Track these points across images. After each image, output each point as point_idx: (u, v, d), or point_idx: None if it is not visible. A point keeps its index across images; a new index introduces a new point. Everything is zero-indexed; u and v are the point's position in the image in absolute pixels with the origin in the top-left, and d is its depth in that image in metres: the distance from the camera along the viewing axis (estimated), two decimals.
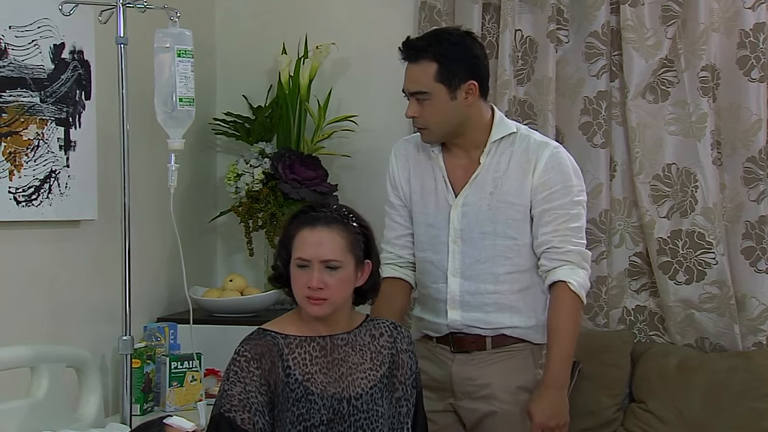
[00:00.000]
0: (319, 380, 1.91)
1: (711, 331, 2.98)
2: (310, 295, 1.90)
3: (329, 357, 1.94)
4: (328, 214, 1.94)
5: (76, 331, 2.46)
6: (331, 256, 1.89)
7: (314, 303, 1.90)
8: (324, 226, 1.91)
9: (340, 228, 1.92)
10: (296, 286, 1.93)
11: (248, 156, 3.10)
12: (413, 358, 2.03)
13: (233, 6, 3.34)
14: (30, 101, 2.25)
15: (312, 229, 1.91)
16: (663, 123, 3.02)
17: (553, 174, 2.21)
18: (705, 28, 2.94)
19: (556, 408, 2.16)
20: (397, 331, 2.03)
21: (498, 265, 2.23)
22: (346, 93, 3.23)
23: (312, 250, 1.89)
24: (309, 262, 1.89)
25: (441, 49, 2.14)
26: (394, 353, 1.99)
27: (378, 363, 1.97)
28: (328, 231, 1.90)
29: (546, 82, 3.04)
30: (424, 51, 2.15)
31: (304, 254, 1.90)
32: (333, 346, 1.95)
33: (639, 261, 3.08)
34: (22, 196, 2.23)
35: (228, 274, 3.12)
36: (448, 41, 2.16)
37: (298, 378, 1.89)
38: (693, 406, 2.82)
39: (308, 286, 1.89)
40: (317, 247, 1.89)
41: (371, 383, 1.95)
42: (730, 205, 3.00)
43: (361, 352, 1.97)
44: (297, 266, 1.91)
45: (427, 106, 2.17)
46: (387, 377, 1.97)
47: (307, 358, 1.92)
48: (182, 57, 2.12)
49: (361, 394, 1.93)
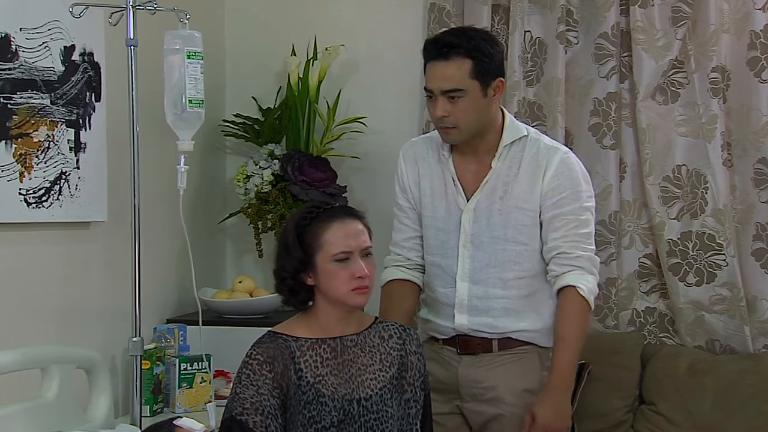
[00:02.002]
0: (330, 382, 1.91)
1: (721, 333, 2.97)
2: (359, 285, 1.89)
3: (339, 358, 1.94)
4: (343, 206, 2.00)
5: (86, 333, 2.46)
6: (369, 243, 1.93)
7: (363, 292, 1.91)
8: (351, 217, 1.93)
9: (359, 217, 1.95)
10: (337, 283, 1.90)
11: (257, 157, 3.10)
12: (422, 360, 2.02)
13: (243, 8, 3.35)
14: (40, 103, 2.25)
15: (342, 222, 1.91)
16: (673, 124, 3.01)
17: (562, 179, 2.20)
18: (715, 29, 2.92)
19: (560, 410, 2.15)
20: (406, 334, 2.02)
21: (507, 270, 2.22)
22: (355, 94, 3.23)
23: (353, 241, 1.90)
24: (351, 253, 1.89)
25: (474, 46, 2.12)
26: (403, 355, 1.99)
27: (387, 364, 1.97)
28: (356, 221, 1.93)
29: (555, 83, 3.03)
30: (457, 47, 2.11)
31: (346, 247, 1.89)
32: (343, 347, 1.95)
33: (649, 262, 3.08)
34: (33, 197, 2.23)
35: (237, 276, 3.12)
36: (480, 37, 2.15)
37: (309, 380, 1.89)
38: (703, 408, 2.81)
39: (358, 276, 1.88)
40: (356, 237, 1.91)
41: (381, 384, 1.95)
42: (740, 206, 2.99)
43: (371, 354, 1.97)
44: (335, 261, 1.89)
45: (459, 105, 2.13)
46: (396, 378, 1.97)
47: (319, 360, 1.92)
48: (192, 59, 2.12)
49: (370, 395, 1.93)
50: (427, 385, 2.04)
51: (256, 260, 3.20)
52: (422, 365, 2.02)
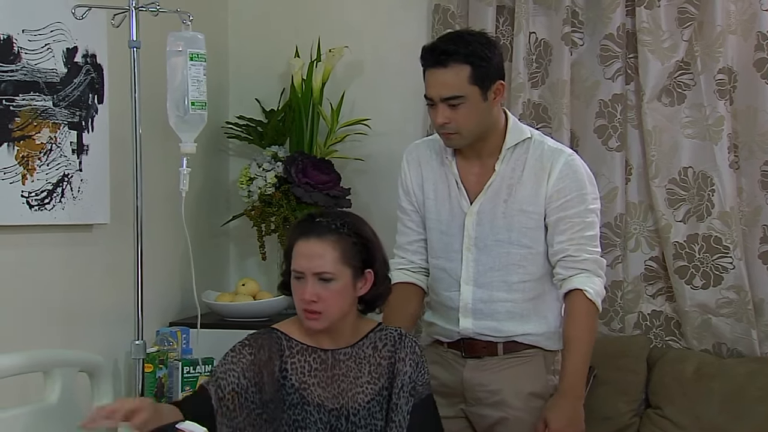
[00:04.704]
0: (316, 393, 1.89)
1: (728, 337, 2.95)
2: (306, 308, 1.88)
3: (329, 372, 1.92)
4: (323, 224, 1.90)
5: (89, 336, 2.46)
6: (322, 268, 1.86)
7: (310, 316, 1.88)
8: (316, 238, 1.88)
9: (334, 239, 1.88)
10: (294, 299, 1.92)
11: (261, 160, 3.09)
12: (415, 366, 1.96)
13: (246, 9, 3.34)
14: (43, 105, 2.25)
15: (306, 240, 1.89)
16: (679, 126, 2.99)
17: (567, 182, 2.19)
18: (722, 30, 2.91)
19: (573, 416, 2.14)
20: (400, 340, 1.98)
21: (512, 273, 2.21)
22: (359, 96, 3.22)
23: (305, 262, 1.87)
24: (303, 274, 1.88)
25: (471, 51, 2.10)
26: (392, 363, 1.95)
27: (377, 376, 1.94)
28: (320, 242, 1.87)
29: (561, 85, 3.02)
30: (455, 54, 2.10)
31: (297, 266, 1.89)
32: (335, 362, 1.93)
33: (655, 265, 3.06)
34: (35, 200, 2.23)
35: (241, 278, 3.11)
36: (477, 42, 2.13)
37: (294, 384, 1.88)
38: (710, 412, 2.79)
39: (302, 298, 1.88)
40: (309, 260, 1.87)
41: (368, 397, 1.92)
42: (747, 209, 2.97)
43: (360, 365, 1.94)
44: (294, 278, 1.90)
45: (460, 111, 2.12)
46: (386, 389, 1.94)
47: (306, 368, 1.90)
48: (195, 60, 2.12)
49: (358, 410, 1.90)
50: (421, 393, 1.96)
51: (259, 263, 3.20)
52: (413, 371, 1.96)
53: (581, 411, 2.17)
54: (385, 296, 2.01)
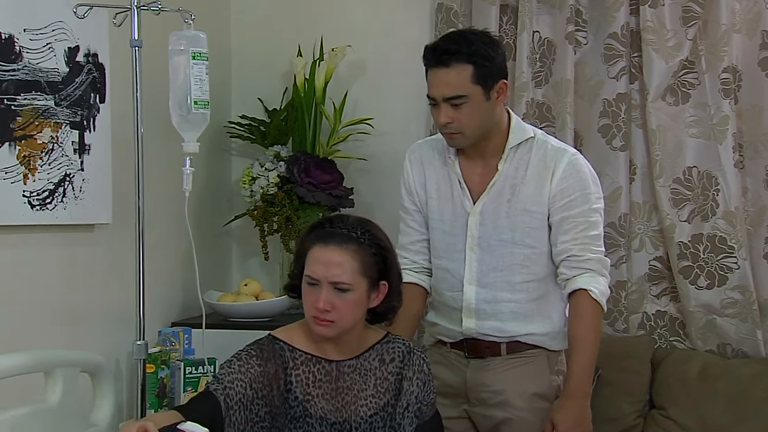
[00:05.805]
0: (319, 405, 1.85)
1: (733, 337, 2.94)
2: (317, 316, 1.82)
3: (333, 384, 1.88)
4: (343, 231, 1.83)
5: (91, 336, 2.45)
6: (339, 278, 1.80)
7: (321, 324, 1.83)
8: (336, 246, 1.81)
9: (354, 248, 1.82)
10: (305, 303, 1.85)
11: (263, 159, 3.09)
12: (422, 387, 1.94)
13: (248, 8, 3.33)
14: (44, 104, 2.24)
15: (324, 246, 1.82)
16: (683, 125, 2.98)
17: (571, 181, 2.18)
18: (726, 29, 2.90)
19: (580, 417, 2.13)
20: (408, 356, 1.94)
21: (515, 273, 2.20)
22: (362, 95, 3.22)
23: (322, 270, 1.81)
24: (318, 281, 1.82)
25: (474, 50, 2.09)
26: (398, 379, 1.92)
27: (382, 390, 1.90)
28: (340, 251, 1.81)
29: (564, 84, 3.01)
30: (457, 53, 2.09)
31: (313, 273, 1.82)
32: (339, 374, 1.89)
33: (659, 265, 3.05)
34: (37, 199, 2.22)
35: (243, 279, 3.10)
36: (480, 41, 2.12)
37: (298, 396, 1.84)
38: (715, 413, 2.78)
39: (315, 306, 1.81)
40: (327, 268, 1.80)
41: (372, 411, 1.89)
42: (752, 208, 2.96)
43: (366, 378, 1.90)
44: (307, 283, 1.84)
45: (463, 110, 2.11)
46: (391, 406, 1.91)
47: (310, 379, 1.87)
48: (197, 60, 2.11)
49: (360, 423, 1.87)
50: (425, 414, 1.94)
51: (261, 263, 3.19)
52: (420, 391, 1.92)
53: (588, 411, 2.16)
54: (396, 309, 1.94)
